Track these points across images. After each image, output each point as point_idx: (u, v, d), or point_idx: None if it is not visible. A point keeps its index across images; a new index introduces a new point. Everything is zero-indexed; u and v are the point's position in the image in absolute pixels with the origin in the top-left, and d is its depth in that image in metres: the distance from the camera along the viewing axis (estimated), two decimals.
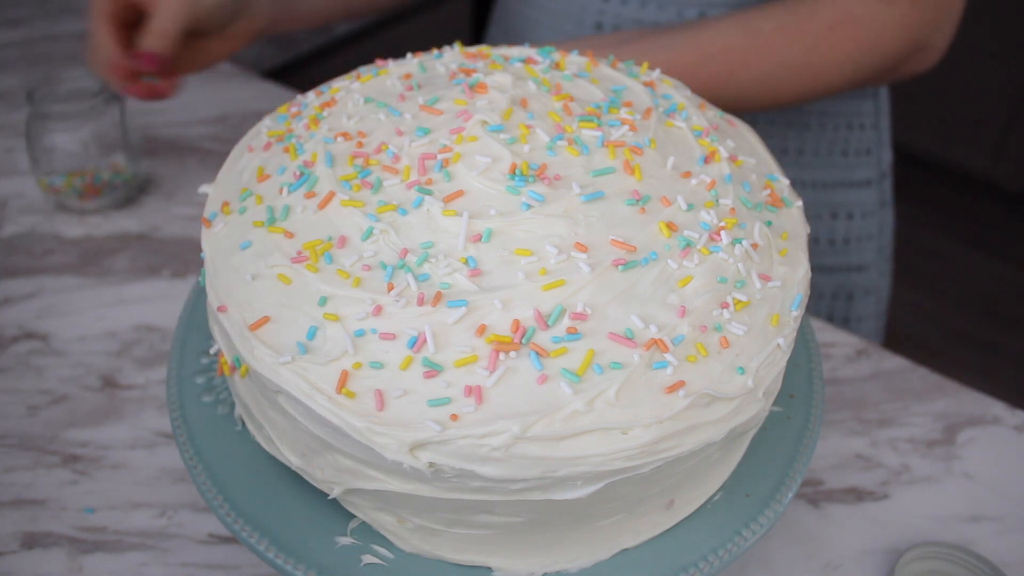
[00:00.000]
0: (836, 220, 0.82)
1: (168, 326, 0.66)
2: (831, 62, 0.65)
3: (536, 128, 0.46)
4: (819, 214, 0.81)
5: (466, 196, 0.42)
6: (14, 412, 0.60)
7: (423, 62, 0.53)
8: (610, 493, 0.37)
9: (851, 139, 0.80)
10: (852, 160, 0.81)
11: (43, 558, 0.51)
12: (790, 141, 0.79)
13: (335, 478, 0.40)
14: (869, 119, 0.81)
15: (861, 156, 0.81)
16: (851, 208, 0.82)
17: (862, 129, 0.81)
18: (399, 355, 0.37)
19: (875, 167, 0.82)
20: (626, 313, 0.38)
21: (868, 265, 0.84)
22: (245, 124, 0.89)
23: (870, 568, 0.52)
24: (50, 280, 0.71)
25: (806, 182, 0.80)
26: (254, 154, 0.48)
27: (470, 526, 0.39)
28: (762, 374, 0.39)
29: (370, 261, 0.40)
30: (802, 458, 0.46)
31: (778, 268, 0.42)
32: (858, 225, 0.83)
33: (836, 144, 0.80)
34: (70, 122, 0.74)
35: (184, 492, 0.55)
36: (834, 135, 0.80)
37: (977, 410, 0.61)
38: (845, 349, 0.65)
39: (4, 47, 1.02)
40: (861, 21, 0.63)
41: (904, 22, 0.64)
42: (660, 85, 0.52)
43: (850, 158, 0.81)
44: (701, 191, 0.44)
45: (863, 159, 0.81)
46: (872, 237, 0.84)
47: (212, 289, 0.42)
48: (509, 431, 0.35)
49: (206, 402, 0.48)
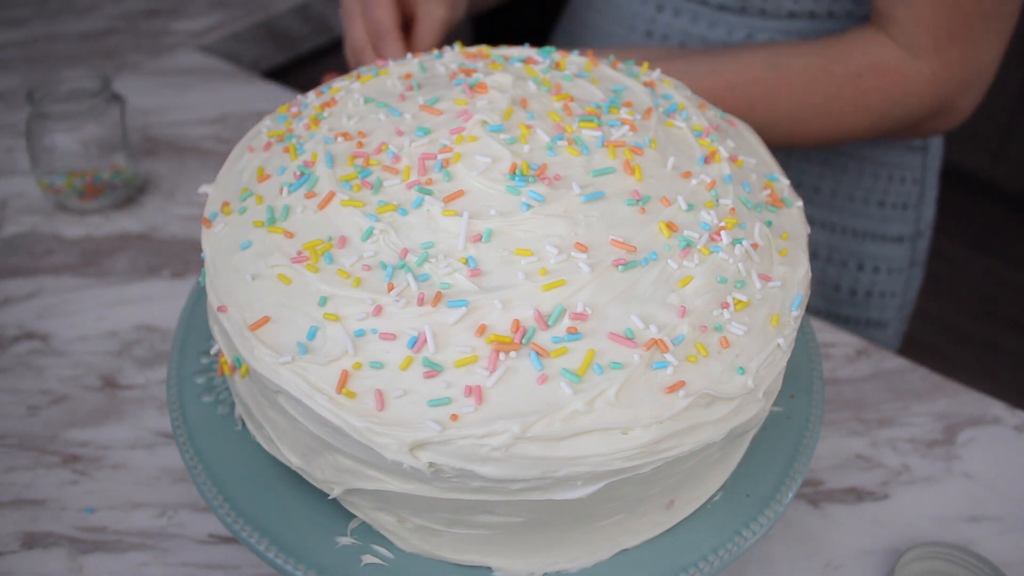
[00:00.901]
0: (862, 271, 0.80)
1: (168, 326, 0.66)
2: (853, 110, 0.64)
3: (536, 128, 0.46)
4: (845, 261, 0.79)
5: (466, 196, 0.42)
6: (14, 412, 0.60)
7: (423, 62, 0.53)
8: (610, 493, 0.37)
9: (890, 191, 0.78)
10: (887, 212, 0.78)
11: (43, 558, 0.51)
12: (825, 181, 0.77)
13: (335, 478, 0.40)
14: (913, 173, 0.79)
15: (897, 210, 0.79)
16: (878, 262, 0.79)
17: (902, 183, 0.78)
18: (399, 355, 0.37)
19: (911, 224, 0.80)
20: (626, 313, 0.38)
21: (887, 323, 0.82)
22: (245, 124, 0.89)
23: (870, 568, 0.52)
24: (50, 280, 0.71)
25: (835, 226, 0.78)
26: (254, 154, 0.48)
27: (470, 526, 0.39)
28: (762, 374, 0.39)
29: (370, 261, 0.40)
30: (802, 458, 0.46)
31: (778, 268, 0.42)
32: (883, 280, 0.80)
33: (873, 193, 0.78)
34: (70, 122, 0.74)
35: (184, 492, 0.55)
36: (872, 183, 0.78)
37: (977, 410, 0.61)
38: (845, 349, 0.65)
39: (4, 47, 1.02)
40: (889, 73, 0.63)
41: (933, 80, 0.63)
42: (660, 85, 0.52)
43: (885, 210, 0.78)
44: (701, 191, 0.44)
45: (899, 213, 0.79)
46: (895, 295, 0.81)
47: (212, 289, 0.42)
48: (509, 431, 0.35)
49: (206, 402, 0.48)
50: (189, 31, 1.05)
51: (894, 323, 0.84)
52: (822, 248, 0.80)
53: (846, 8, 0.70)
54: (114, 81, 0.94)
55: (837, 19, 0.71)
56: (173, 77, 0.97)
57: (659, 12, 0.75)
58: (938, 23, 0.61)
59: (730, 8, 0.72)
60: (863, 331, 0.82)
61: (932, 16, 0.61)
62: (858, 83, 0.63)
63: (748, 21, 0.72)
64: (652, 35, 0.76)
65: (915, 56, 0.62)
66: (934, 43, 0.62)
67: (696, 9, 0.73)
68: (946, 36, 0.61)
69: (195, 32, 1.05)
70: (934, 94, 0.63)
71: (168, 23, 1.07)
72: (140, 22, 1.08)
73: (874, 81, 0.63)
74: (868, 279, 0.80)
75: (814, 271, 0.80)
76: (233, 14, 1.08)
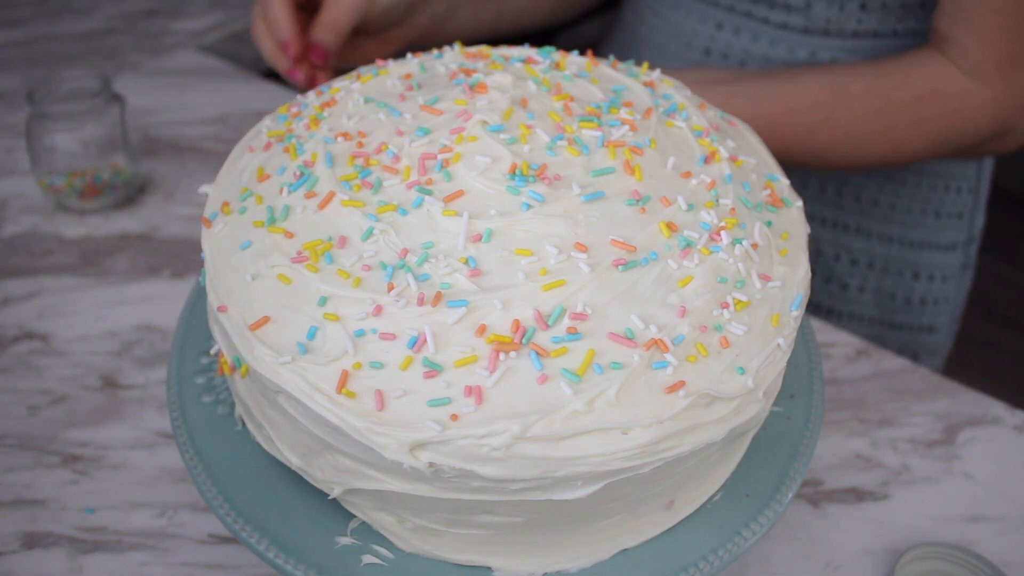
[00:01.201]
0: (917, 280, 0.79)
1: (168, 326, 0.66)
2: (914, 134, 0.63)
3: (536, 128, 0.46)
4: (901, 271, 0.79)
5: (466, 196, 0.42)
6: (14, 412, 0.60)
7: (423, 62, 0.53)
8: (610, 493, 0.37)
9: (946, 200, 0.78)
10: (943, 222, 0.78)
11: (43, 558, 0.51)
12: (883, 195, 0.77)
13: (335, 478, 0.40)
14: (968, 183, 0.78)
15: (952, 219, 0.78)
16: (933, 270, 0.79)
17: (958, 192, 0.78)
18: (399, 355, 0.37)
19: (965, 231, 0.80)
20: (626, 313, 0.38)
21: (939, 328, 0.82)
22: (245, 124, 0.89)
23: (870, 568, 0.52)
24: (50, 280, 0.71)
25: (893, 237, 0.78)
26: (254, 154, 0.48)
27: (470, 526, 0.39)
28: (762, 374, 0.39)
29: (370, 261, 0.40)
30: (802, 458, 0.46)
31: (778, 268, 0.42)
32: (937, 287, 0.80)
33: (930, 204, 0.77)
34: (70, 122, 0.74)
35: (184, 492, 0.55)
36: (929, 194, 0.77)
37: (977, 410, 0.61)
38: (845, 349, 0.65)
39: (4, 47, 1.02)
40: (950, 98, 0.62)
41: (994, 104, 0.62)
42: (660, 85, 0.52)
43: (941, 220, 0.78)
44: (701, 191, 0.44)
45: (954, 222, 0.79)
46: (948, 300, 0.81)
47: (212, 289, 0.42)
48: (509, 431, 0.35)
49: (206, 402, 0.48)
50: (189, 31, 1.05)
51: (945, 326, 0.83)
52: (878, 259, 0.79)
53: (910, 27, 0.69)
54: (114, 81, 0.94)
55: (901, 37, 0.70)
56: (173, 77, 0.97)
57: (718, 30, 0.74)
58: (1001, 47, 0.60)
59: (793, 27, 0.71)
60: (915, 336, 0.82)
61: (996, 40, 0.60)
62: (918, 107, 0.62)
63: (811, 40, 0.71)
64: (711, 53, 0.75)
65: (976, 80, 0.62)
66: (997, 67, 0.61)
67: (757, 28, 0.73)
68: (1009, 59, 0.61)
69: (195, 32, 1.05)
70: (994, 118, 0.63)
71: (168, 23, 1.07)
72: (140, 22, 1.08)
73: (934, 105, 0.62)
74: (923, 287, 0.80)
75: (871, 281, 0.80)
76: (233, 14, 1.08)
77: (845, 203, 0.78)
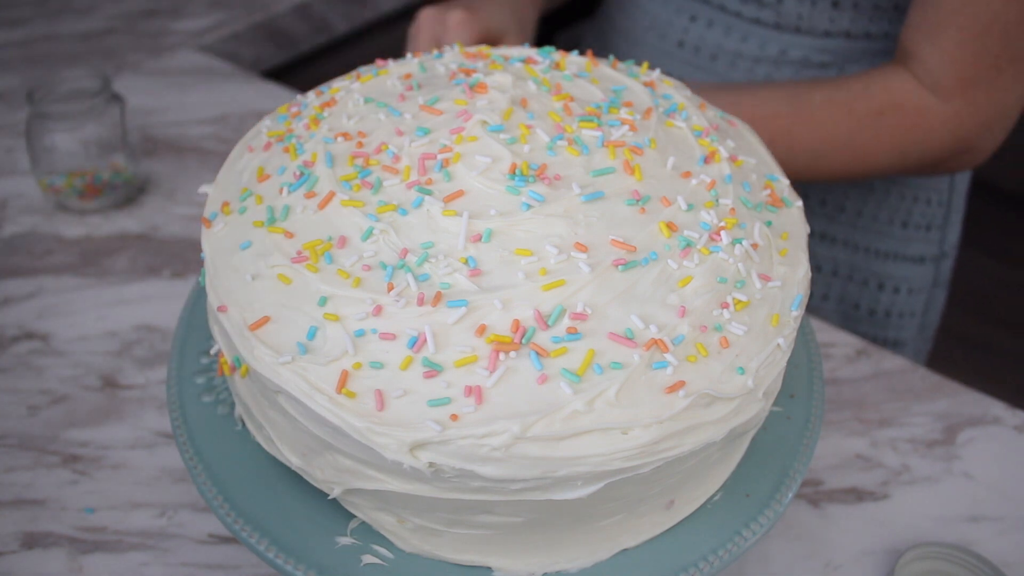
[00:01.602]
0: (882, 291, 0.79)
1: (168, 326, 0.66)
2: (874, 147, 0.64)
3: (536, 128, 0.46)
4: (866, 281, 0.79)
5: (466, 196, 0.42)
6: (14, 412, 0.60)
7: (423, 62, 0.53)
8: (610, 493, 0.37)
9: (915, 211, 0.77)
10: (910, 233, 0.78)
11: (43, 558, 0.51)
12: (849, 200, 0.77)
13: (335, 478, 0.40)
14: (939, 195, 0.78)
15: (920, 230, 0.78)
16: (899, 282, 0.79)
17: (928, 204, 0.78)
18: (399, 355, 0.37)
19: (935, 244, 0.79)
20: (626, 313, 0.38)
21: (906, 342, 0.82)
22: (245, 124, 0.89)
23: (870, 568, 0.52)
24: (50, 280, 0.71)
25: (858, 246, 0.78)
26: (254, 154, 0.48)
27: (470, 526, 0.39)
28: (762, 374, 0.39)
29: (370, 261, 0.40)
30: (802, 458, 0.46)
31: (778, 268, 0.42)
32: (903, 300, 0.80)
33: (897, 214, 0.77)
34: (70, 122, 0.74)
35: (184, 492, 0.55)
36: (898, 204, 0.77)
37: (977, 410, 0.61)
38: (845, 349, 0.65)
39: (4, 47, 1.02)
40: (911, 112, 0.62)
41: (955, 120, 0.62)
42: (660, 85, 0.52)
43: (909, 230, 0.78)
44: (701, 191, 0.44)
45: (921, 233, 0.78)
46: (915, 315, 0.81)
47: (212, 289, 0.42)
48: (509, 431, 0.35)
49: (206, 402, 0.48)
50: (189, 31, 1.05)
51: (914, 342, 0.83)
52: (843, 267, 0.79)
53: (883, 29, 0.70)
54: (114, 81, 0.94)
55: (874, 40, 0.70)
56: (173, 77, 0.97)
57: (692, 22, 0.75)
58: (965, 64, 0.60)
59: (765, 23, 0.72)
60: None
61: (960, 57, 0.60)
62: (879, 120, 0.63)
63: (782, 37, 0.72)
64: (684, 45, 0.76)
65: (938, 96, 0.62)
66: (959, 84, 0.61)
67: (730, 21, 0.73)
68: (972, 77, 0.60)
69: (195, 32, 1.05)
70: (955, 135, 0.63)
71: (168, 23, 1.07)
72: (140, 22, 1.08)
73: (895, 119, 0.62)
74: (888, 299, 0.80)
75: (835, 288, 0.79)
76: (233, 14, 1.08)
77: (810, 206, 0.78)
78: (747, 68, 0.74)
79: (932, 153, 0.64)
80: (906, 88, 0.62)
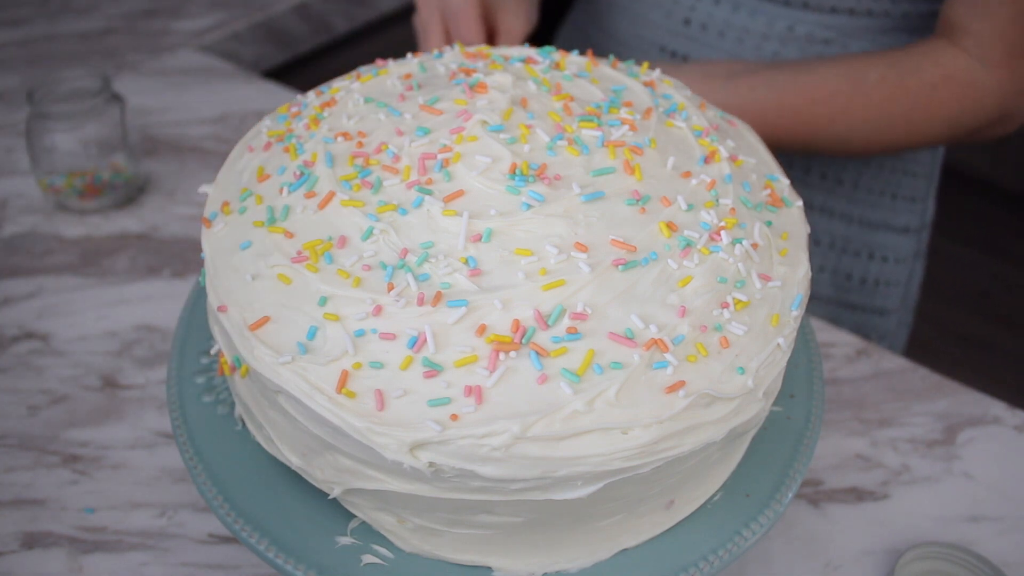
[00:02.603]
0: (871, 260, 0.82)
1: (168, 326, 0.66)
2: (928, 121, 0.66)
3: (536, 128, 0.46)
4: (858, 251, 0.82)
5: (466, 196, 0.42)
6: (14, 412, 0.60)
7: (423, 62, 0.53)
8: (610, 493, 0.37)
9: (903, 184, 0.81)
10: (899, 204, 0.81)
11: (43, 558, 0.51)
12: (847, 173, 0.79)
13: (335, 478, 0.40)
14: (924, 168, 0.81)
15: (907, 202, 0.82)
16: (886, 251, 0.82)
17: (914, 177, 0.81)
18: (399, 355, 0.37)
19: (919, 216, 0.83)
20: (626, 313, 0.38)
21: (890, 311, 0.85)
22: (245, 124, 0.89)
23: (870, 568, 0.52)
24: (50, 280, 0.71)
25: (853, 217, 0.81)
26: (254, 154, 0.48)
27: (470, 526, 0.39)
28: (762, 374, 0.39)
29: (370, 261, 0.40)
30: (802, 458, 0.46)
31: (778, 268, 0.42)
32: (890, 269, 0.83)
33: (888, 186, 0.80)
34: (70, 122, 0.74)
35: (184, 492, 0.55)
36: (890, 177, 0.80)
37: (977, 410, 0.61)
38: (845, 349, 0.65)
39: (4, 47, 1.02)
40: (962, 84, 0.64)
41: (1000, 90, 0.64)
42: (660, 85, 0.52)
43: (897, 201, 0.81)
44: (701, 191, 0.44)
45: (908, 205, 0.82)
46: (899, 284, 0.84)
47: (212, 289, 0.42)
48: (509, 431, 0.35)
49: (206, 402, 0.48)
50: (189, 31, 1.05)
51: (897, 312, 0.86)
52: (839, 239, 0.82)
53: (883, 7, 0.72)
54: (114, 81, 0.94)
55: (874, 17, 0.72)
56: (173, 77, 0.97)
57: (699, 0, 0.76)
58: (1012, 36, 0.63)
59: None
60: (868, 319, 0.84)
61: (1008, 29, 0.63)
62: (932, 94, 0.65)
63: (790, 13, 0.73)
64: (691, 23, 0.76)
65: (985, 67, 0.64)
66: (1008, 55, 0.63)
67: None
68: (1020, 49, 0.63)
69: (195, 32, 1.05)
70: (999, 104, 0.65)
71: (168, 23, 1.07)
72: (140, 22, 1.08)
73: (948, 92, 0.65)
74: (877, 268, 0.83)
75: (831, 260, 0.82)
76: (233, 14, 1.08)
77: (811, 180, 0.80)
78: (755, 45, 0.75)
79: (978, 122, 0.67)
80: (957, 63, 0.64)
